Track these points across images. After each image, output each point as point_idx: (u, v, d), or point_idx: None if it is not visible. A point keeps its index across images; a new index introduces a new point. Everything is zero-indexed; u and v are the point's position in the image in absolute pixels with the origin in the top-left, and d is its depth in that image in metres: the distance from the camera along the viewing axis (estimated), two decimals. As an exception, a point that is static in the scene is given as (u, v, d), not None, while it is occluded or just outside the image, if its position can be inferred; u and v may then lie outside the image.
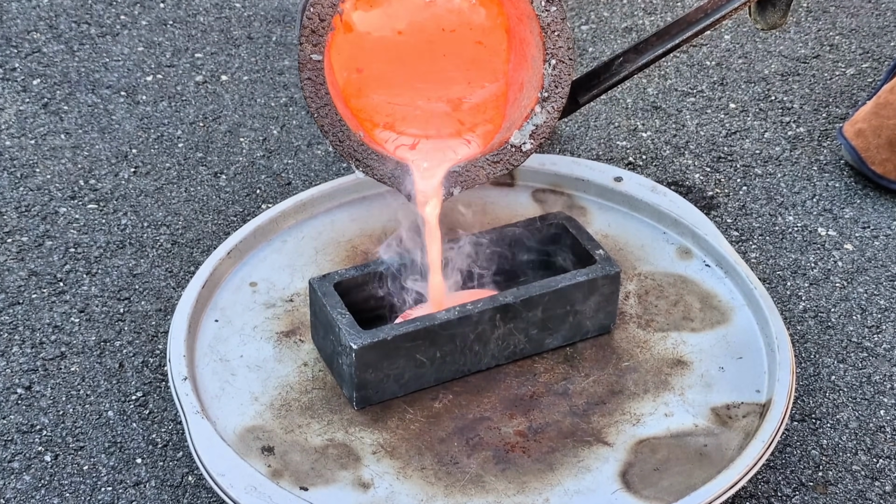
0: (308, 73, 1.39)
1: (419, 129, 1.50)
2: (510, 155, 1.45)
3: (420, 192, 1.44)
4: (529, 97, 1.44)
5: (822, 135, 1.89)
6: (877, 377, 1.52)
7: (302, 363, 1.42)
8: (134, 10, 2.12)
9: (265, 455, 1.32)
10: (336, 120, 1.41)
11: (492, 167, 1.45)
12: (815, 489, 1.39)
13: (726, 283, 1.52)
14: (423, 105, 1.52)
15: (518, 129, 1.44)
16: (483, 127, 1.51)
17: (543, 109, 1.43)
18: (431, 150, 1.48)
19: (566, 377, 1.41)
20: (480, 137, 1.50)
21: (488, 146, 1.47)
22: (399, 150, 1.48)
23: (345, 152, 1.43)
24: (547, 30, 1.40)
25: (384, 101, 1.51)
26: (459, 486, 1.29)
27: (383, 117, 1.50)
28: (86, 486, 1.38)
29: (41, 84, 1.95)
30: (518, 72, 1.49)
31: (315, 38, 1.37)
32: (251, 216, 1.71)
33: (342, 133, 1.42)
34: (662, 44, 1.49)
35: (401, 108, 1.51)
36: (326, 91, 1.40)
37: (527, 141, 1.44)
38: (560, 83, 1.42)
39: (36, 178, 1.77)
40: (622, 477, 1.31)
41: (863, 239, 1.71)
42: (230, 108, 1.92)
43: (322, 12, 1.36)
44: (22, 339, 1.54)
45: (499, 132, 1.49)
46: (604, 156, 1.84)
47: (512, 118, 1.48)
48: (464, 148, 1.48)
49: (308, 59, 1.38)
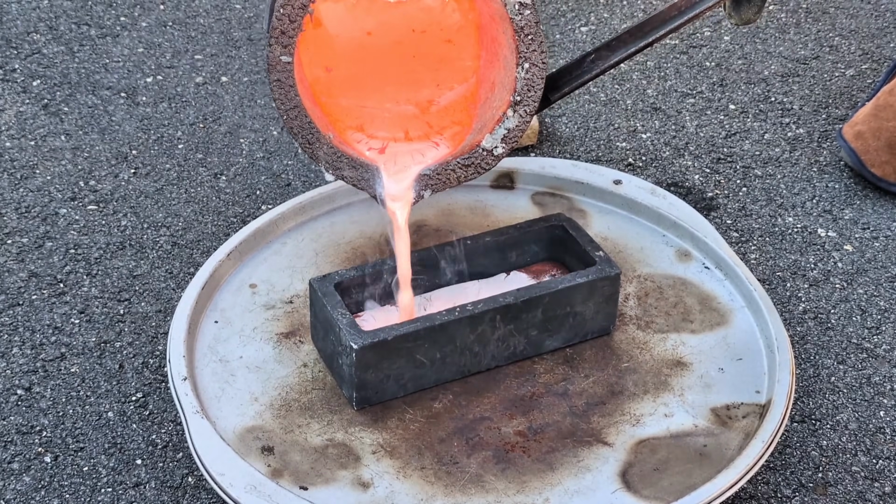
0: (277, 75, 1.37)
1: (388, 132, 1.49)
2: (481, 158, 1.44)
3: (389, 196, 1.43)
4: (501, 99, 1.44)
5: (821, 136, 1.89)
6: (876, 378, 1.52)
7: (302, 364, 1.42)
8: (134, 11, 2.12)
9: (265, 455, 1.32)
10: (306, 122, 1.39)
11: (463, 170, 1.44)
12: (814, 490, 1.39)
13: (726, 285, 1.52)
14: (391, 108, 1.51)
15: (490, 132, 1.43)
16: (451, 129, 1.50)
17: (516, 113, 1.42)
18: (401, 152, 1.47)
19: (566, 378, 1.41)
20: (449, 140, 1.48)
21: (459, 148, 1.46)
22: (369, 153, 1.47)
23: (314, 155, 1.41)
24: (521, 33, 1.39)
25: (353, 104, 1.50)
26: (459, 486, 1.29)
27: (353, 119, 1.49)
28: (86, 488, 1.38)
29: (41, 85, 1.95)
30: (489, 70, 1.48)
31: (285, 39, 1.35)
32: (251, 217, 1.71)
33: (311, 136, 1.40)
34: (635, 41, 1.48)
35: (370, 110, 1.51)
36: (296, 93, 1.38)
37: (498, 145, 1.43)
38: (533, 87, 1.41)
39: (36, 180, 1.77)
40: (622, 477, 1.31)
41: (863, 240, 1.71)
42: (230, 109, 1.92)
43: (292, 13, 1.34)
44: (22, 341, 1.54)
45: (469, 133, 1.48)
46: (603, 157, 1.84)
47: (483, 119, 1.47)
48: (433, 151, 1.47)
49: (277, 61, 1.36)
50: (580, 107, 1.94)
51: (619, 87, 1.99)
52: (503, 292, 1.40)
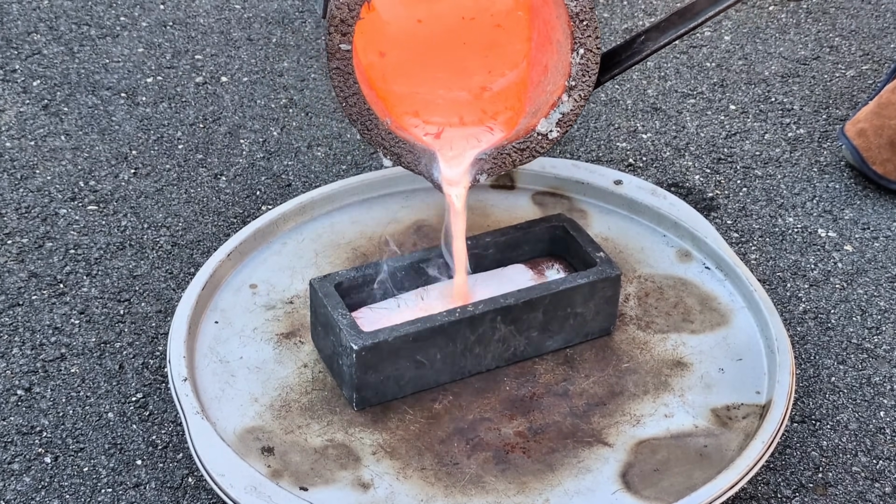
0: (336, 63, 1.39)
1: (443, 118, 1.51)
2: (536, 142, 1.45)
3: (446, 180, 1.44)
4: (555, 83, 1.45)
5: (822, 136, 1.89)
6: (877, 378, 1.52)
7: (302, 364, 1.42)
8: (134, 11, 2.12)
9: (265, 455, 1.32)
10: (364, 108, 1.41)
11: (518, 154, 1.46)
12: (814, 490, 1.39)
13: (726, 285, 1.52)
14: (445, 94, 1.53)
15: (545, 116, 1.44)
16: (505, 114, 1.51)
17: (570, 97, 1.43)
18: (456, 137, 1.49)
19: (566, 378, 1.41)
20: (503, 124, 1.50)
21: (513, 132, 1.47)
22: (426, 138, 1.48)
23: (373, 140, 1.43)
24: (576, 19, 1.40)
25: (407, 90, 1.52)
26: (459, 487, 1.29)
27: (408, 106, 1.51)
28: (86, 488, 1.38)
29: (41, 85, 1.95)
30: (541, 53, 1.50)
31: (344, 27, 1.37)
32: (251, 218, 1.71)
33: (370, 121, 1.42)
34: (684, 22, 1.48)
35: (424, 96, 1.52)
36: (355, 80, 1.40)
37: (553, 129, 1.45)
38: (587, 72, 1.43)
39: (36, 180, 1.77)
40: (622, 477, 1.31)
41: (863, 240, 1.71)
42: (230, 109, 1.92)
43: (351, 2, 1.36)
44: (22, 341, 1.54)
45: (522, 117, 1.49)
46: (604, 157, 1.84)
47: (536, 103, 1.48)
48: (488, 135, 1.49)
49: (337, 49, 1.38)
50: (580, 107, 1.94)
51: (619, 87, 1.98)
52: (504, 293, 1.40)
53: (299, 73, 2.00)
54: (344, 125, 1.90)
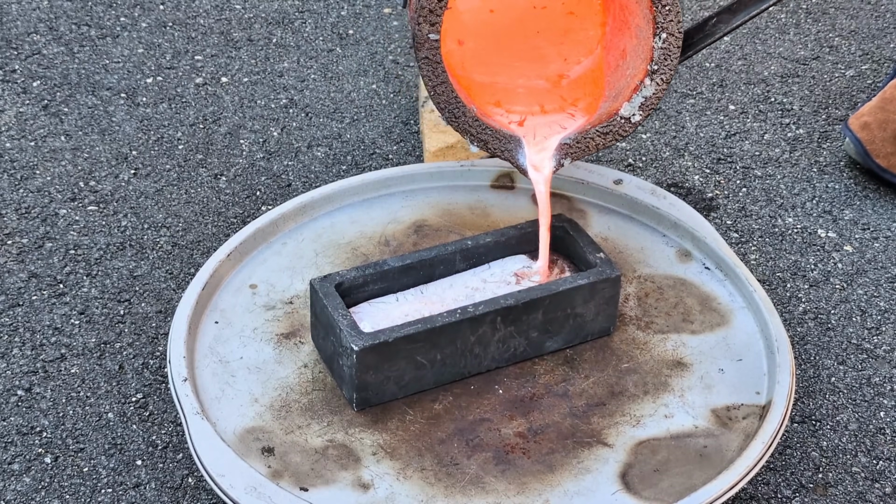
0: (425, 53, 1.40)
1: (524, 107, 1.53)
2: (619, 126, 1.47)
3: (532, 165, 1.47)
4: (636, 67, 1.46)
5: (821, 136, 1.89)
6: (877, 379, 1.52)
7: (302, 365, 1.42)
8: (134, 11, 2.12)
9: (265, 456, 1.32)
10: (452, 97, 1.43)
11: (602, 138, 1.47)
12: (814, 491, 1.39)
13: (726, 286, 1.52)
14: (524, 83, 1.55)
15: (627, 100, 1.46)
16: (585, 100, 1.53)
17: (653, 82, 1.45)
18: (539, 124, 1.51)
19: (566, 379, 1.41)
20: (584, 110, 1.52)
21: (596, 116, 1.49)
22: (510, 126, 1.51)
23: (460, 128, 1.45)
24: (658, 4, 1.41)
25: (487, 80, 1.54)
26: (459, 487, 1.29)
27: (490, 96, 1.53)
28: (86, 488, 1.38)
29: (41, 86, 1.95)
30: (617, 37, 1.51)
31: (433, 17, 1.38)
32: (251, 218, 1.71)
33: (458, 109, 1.44)
34: (755, 4, 1.49)
35: (503, 86, 1.54)
36: (443, 69, 1.41)
37: (636, 112, 1.46)
38: (669, 55, 1.44)
39: (36, 180, 1.77)
40: (622, 478, 1.31)
41: (862, 240, 1.71)
42: (230, 109, 1.92)
43: None
44: (22, 341, 1.54)
45: (602, 101, 1.51)
46: (603, 157, 1.84)
47: (616, 86, 1.50)
48: (570, 121, 1.51)
49: (426, 39, 1.39)
50: (580, 107, 1.94)
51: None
52: (504, 294, 1.40)
53: (299, 74, 2.00)
54: (343, 126, 1.90)
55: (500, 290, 1.44)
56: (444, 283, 1.45)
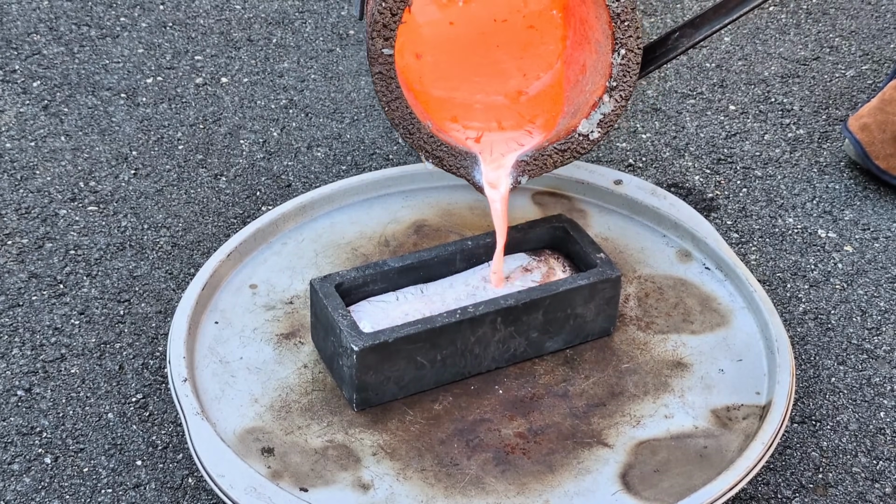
0: (379, 68, 1.39)
1: (481, 123, 1.52)
2: (577, 143, 1.46)
3: (489, 182, 1.46)
4: (595, 83, 1.45)
5: (821, 136, 1.89)
6: (877, 379, 1.52)
7: (302, 365, 1.42)
8: (134, 12, 2.12)
9: (265, 456, 1.32)
10: (406, 113, 1.42)
11: (559, 155, 1.46)
12: (814, 491, 1.39)
13: (726, 286, 1.52)
14: (482, 99, 1.53)
15: (585, 117, 1.44)
16: (543, 117, 1.52)
17: (611, 98, 1.43)
18: (496, 141, 1.49)
19: (566, 379, 1.41)
20: (542, 126, 1.51)
21: (554, 133, 1.48)
22: (467, 142, 1.49)
23: (415, 144, 1.44)
24: (617, 20, 1.40)
25: (444, 95, 1.53)
26: (459, 488, 1.29)
27: (447, 111, 1.52)
28: (86, 489, 1.38)
29: (41, 86, 1.95)
30: (577, 52, 1.50)
31: (386, 31, 1.37)
32: (251, 218, 1.71)
33: (412, 125, 1.42)
34: (719, 18, 1.48)
35: (461, 101, 1.53)
36: (397, 84, 1.40)
37: (594, 129, 1.45)
38: (629, 72, 1.43)
39: (36, 181, 1.77)
40: (622, 478, 1.31)
41: (863, 241, 1.71)
42: (230, 110, 1.92)
43: (394, 6, 1.35)
44: (22, 342, 1.54)
45: (561, 117, 1.50)
46: (604, 158, 1.84)
47: (576, 102, 1.48)
48: (527, 138, 1.49)
49: (379, 54, 1.38)
50: (580, 107, 1.94)
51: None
52: (504, 294, 1.40)
53: (299, 74, 2.00)
54: (343, 126, 1.90)
55: (500, 289, 1.44)
56: (444, 283, 1.45)
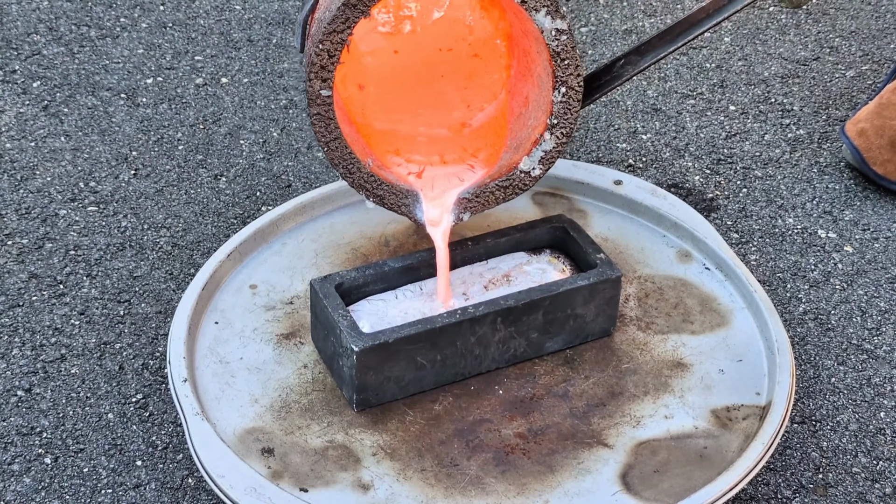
0: (317, 109, 1.37)
1: (424, 157, 1.50)
2: (519, 180, 1.44)
3: (430, 220, 1.44)
4: (537, 119, 1.43)
5: (821, 137, 1.89)
6: (877, 379, 1.52)
7: (302, 365, 1.42)
8: (134, 12, 2.12)
9: (265, 456, 1.32)
10: (346, 153, 1.39)
11: (501, 192, 1.45)
12: (815, 491, 1.39)
13: (726, 286, 1.52)
14: (425, 131, 1.51)
15: (527, 154, 1.43)
16: (486, 151, 1.50)
17: (552, 136, 1.42)
18: (438, 176, 1.47)
19: (566, 379, 1.41)
20: (484, 162, 1.49)
21: (496, 169, 1.46)
22: (409, 177, 1.47)
23: (355, 184, 1.42)
24: (557, 58, 1.38)
25: (387, 127, 1.51)
26: (459, 488, 1.29)
27: (389, 144, 1.50)
28: (86, 489, 1.38)
29: (41, 86, 1.95)
30: (521, 83, 1.49)
31: (324, 73, 1.35)
32: (251, 218, 1.71)
33: (352, 165, 1.40)
34: (664, 46, 1.48)
35: (404, 134, 1.51)
36: (336, 125, 1.38)
37: (536, 166, 1.44)
38: (569, 110, 1.41)
39: (36, 181, 1.77)
40: (622, 479, 1.31)
41: (863, 241, 1.71)
42: (230, 110, 1.92)
43: (331, 48, 1.34)
44: (22, 342, 1.54)
45: (504, 151, 1.48)
46: (604, 158, 1.84)
47: (518, 136, 1.47)
48: (469, 173, 1.48)
49: (317, 95, 1.36)
50: (580, 108, 1.94)
51: (619, 88, 1.98)
52: (504, 295, 1.40)
53: (299, 74, 2.00)
54: (344, 126, 1.90)
55: (498, 286, 1.44)
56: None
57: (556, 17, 1.35)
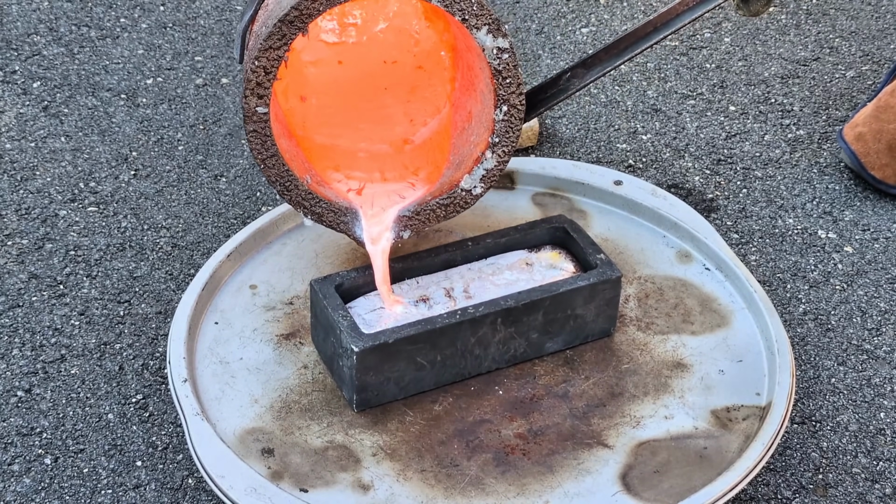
0: (253, 126, 1.35)
1: (364, 174, 1.48)
2: (460, 198, 1.44)
3: (369, 238, 1.43)
4: (479, 135, 1.43)
5: (821, 137, 1.89)
6: (877, 380, 1.52)
7: (302, 365, 1.42)
8: (134, 13, 2.12)
9: (265, 457, 1.32)
10: (283, 170, 1.38)
11: (442, 210, 1.44)
12: (815, 492, 1.39)
13: (726, 287, 1.52)
14: (366, 147, 1.50)
15: (468, 172, 1.42)
16: (427, 168, 1.49)
17: (494, 154, 1.42)
18: (378, 193, 1.46)
19: (566, 380, 1.41)
20: (425, 179, 1.48)
21: (437, 186, 1.45)
22: (349, 194, 1.46)
23: (292, 201, 1.40)
24: (498, 76, 1.37)
25: (328, 142, 1.49)
26: (459, 489, 1.29)
27: (329, 161, 1.48)
28: (86, 489, 1.38)
29: (41, 87, 1.95)
30: (464, 97, 1.47)
31: (261, 90, 1.33)
32: (251, 219, 1.71)
33: (289, 182, 1.39)
34: (611, 59, 1.47)
35: (344, 150, 1.49)
36: (272, 143, 1.36)
37: (477, 185, 1.43)
38: (511, 128, 1.40)
39: (36, 181, 1.77)
40: (622, 479, 1.31)
41: (863, 241, 1.71)
42: (230, 110, 1.92)
43: (268, 65, 1.32)
44: (22, 342, 1.54)
45: (446, 167, 1.47)
46: (604, 158, 1.84)
47: (460, 153, 1.46)
48: (409, 191, 1.47)
49: (253, 112, 1.34)
50: (580, 108, 1.94)
51: (619, 88, 1.99)
52: (504, 295, 1.40)
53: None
54: (344, 126, 1.90)
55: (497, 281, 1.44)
56: (439, 275, 1.45)
57: (498, 36, 1.35)
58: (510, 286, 1.43)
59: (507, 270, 1.45)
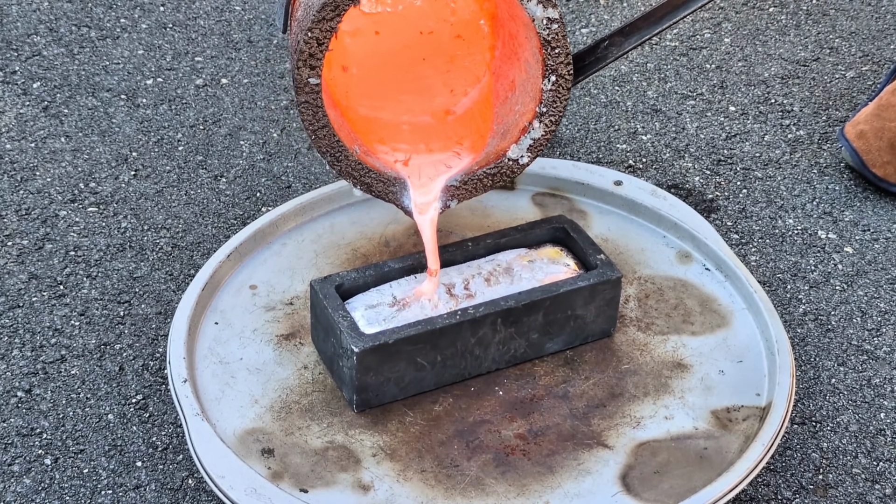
0: (305, 97, 1.36)
1: (409, 146, 1.49)
2: (507, 168, 1.44)
3: (417, 207, 1.43)
4: (525, 105, 1.43)
5: (822, 137, 1.89)
6: (877, 380, 1.52)
7: (302, 366, 1.42)
8: (134, 13, 2.12)
9: (265, 457, 1.32)
10: (333, 141, 1.39)
11: (489, 179, 1.44)
12: (815, 492, 1.39)
13: (726, 287, 1.52)
14: (409, 119, 1.50)
15: (515, 142, 1.43)
16: (471, 138, 1.49)
17: (541, 124, 1.42)
18: (425, 164, 1.47)
19: (566, 380, 1.41)
20: (470, 148, 1.48)
21: (483, 155, 1.46)
22: (397, 164, 1.47)
23: (342, 172, 1.41)
24: (547, 46, 1.37)
25: (370, 114, 1.50)
26: (459, 489, 1.29)
27: (374, 134, 1.49)
28: (86, 490, 1.38)
29: (41, 87, 1.95)
30: (506, 66, 1.47)
31: (313, 61, 1.34)
32: (251, 219, 1.71)
33: (339, 153, 1.40)
34: (649, 27, 1.47)
35: (388, 123, 1.50)
36: (324, 114, 1.37)
37: (524, 154, 1.43)
38: (559, 98, 1.41)
39: (36, 182, 1.77)
40: (622, 479, 1.31)
41: (863, 242, 1.71)
42: (230, 111, 1.92)
43: (321, 36, 1.33)
44: (22, 343, 1.54)
45: (490, 137, 1.48)
46: (604, 159, 1.84)
47: (505, 122, 1.46)
48: (455, 160, 1.47)
49: (306, 83, 1.35)
50: (580, 108, 1.94)
51: (619, 88, 1.98)
52: (504, 296, 1.40)
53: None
54: (344, 127, 1.90)
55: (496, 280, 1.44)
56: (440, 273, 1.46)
57: (548, 6, 1.35)
58: (512, 284, 1.43)
59: (509, 266, 1.45)
